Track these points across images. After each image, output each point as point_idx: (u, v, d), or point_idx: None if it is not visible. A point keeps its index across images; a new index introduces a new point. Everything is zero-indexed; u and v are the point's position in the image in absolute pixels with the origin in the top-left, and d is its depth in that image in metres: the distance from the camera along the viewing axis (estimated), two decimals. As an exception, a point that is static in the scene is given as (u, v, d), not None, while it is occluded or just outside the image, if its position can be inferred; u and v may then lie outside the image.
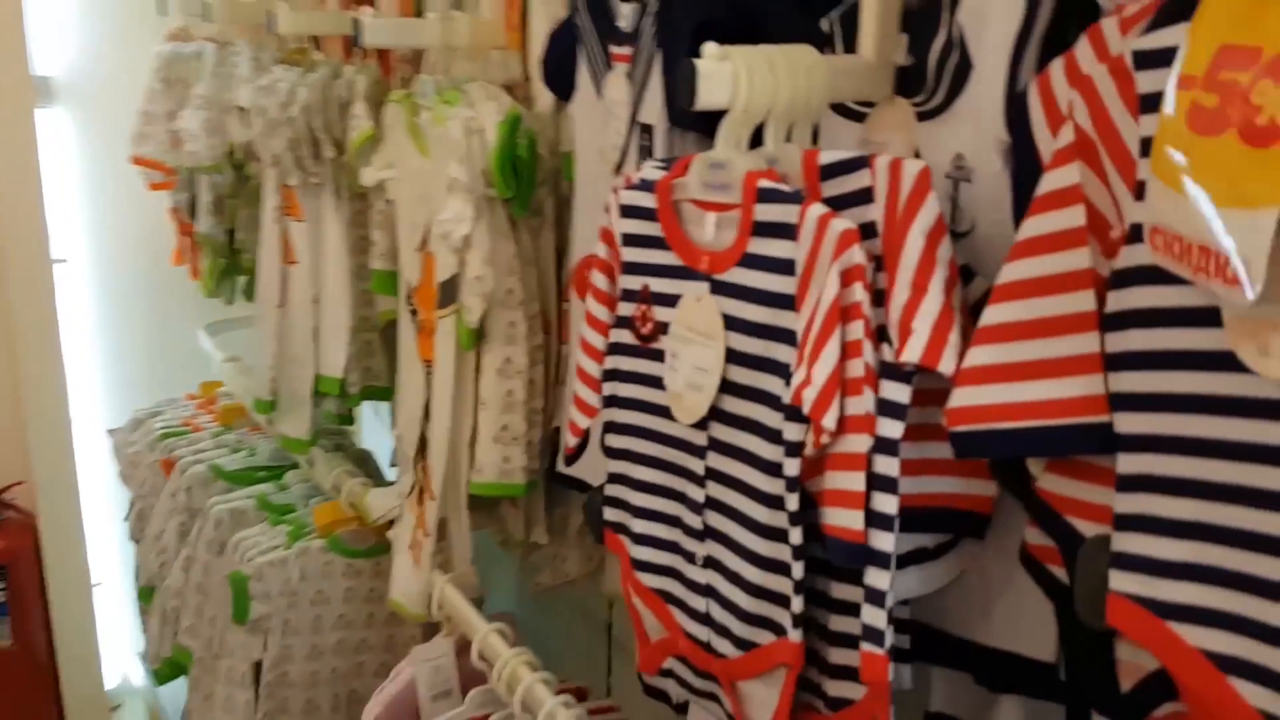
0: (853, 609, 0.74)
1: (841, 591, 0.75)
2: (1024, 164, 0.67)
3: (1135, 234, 0.58)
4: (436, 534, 1.35)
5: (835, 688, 0.76)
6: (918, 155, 0.77)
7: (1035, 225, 0.63)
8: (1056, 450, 0.64)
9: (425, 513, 1.34)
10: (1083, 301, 0.61)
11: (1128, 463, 0.60)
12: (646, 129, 1.04)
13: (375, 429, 2.30)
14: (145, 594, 1.98)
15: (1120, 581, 0.60)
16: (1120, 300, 0.60)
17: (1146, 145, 0.56)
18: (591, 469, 1.26)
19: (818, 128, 0.83)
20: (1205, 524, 0.56)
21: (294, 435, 1.62)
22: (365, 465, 1.80)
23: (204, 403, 2.20)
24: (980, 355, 0.64)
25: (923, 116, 0.79)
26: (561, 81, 1.24)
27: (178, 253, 2.19)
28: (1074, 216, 0.61)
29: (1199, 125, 0.50)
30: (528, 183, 1.23)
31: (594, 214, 1.21)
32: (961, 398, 0.65)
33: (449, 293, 1.26)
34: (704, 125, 0.98)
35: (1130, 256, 0.59)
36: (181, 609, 1.79)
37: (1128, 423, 0.60)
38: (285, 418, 1.62)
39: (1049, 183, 0.63)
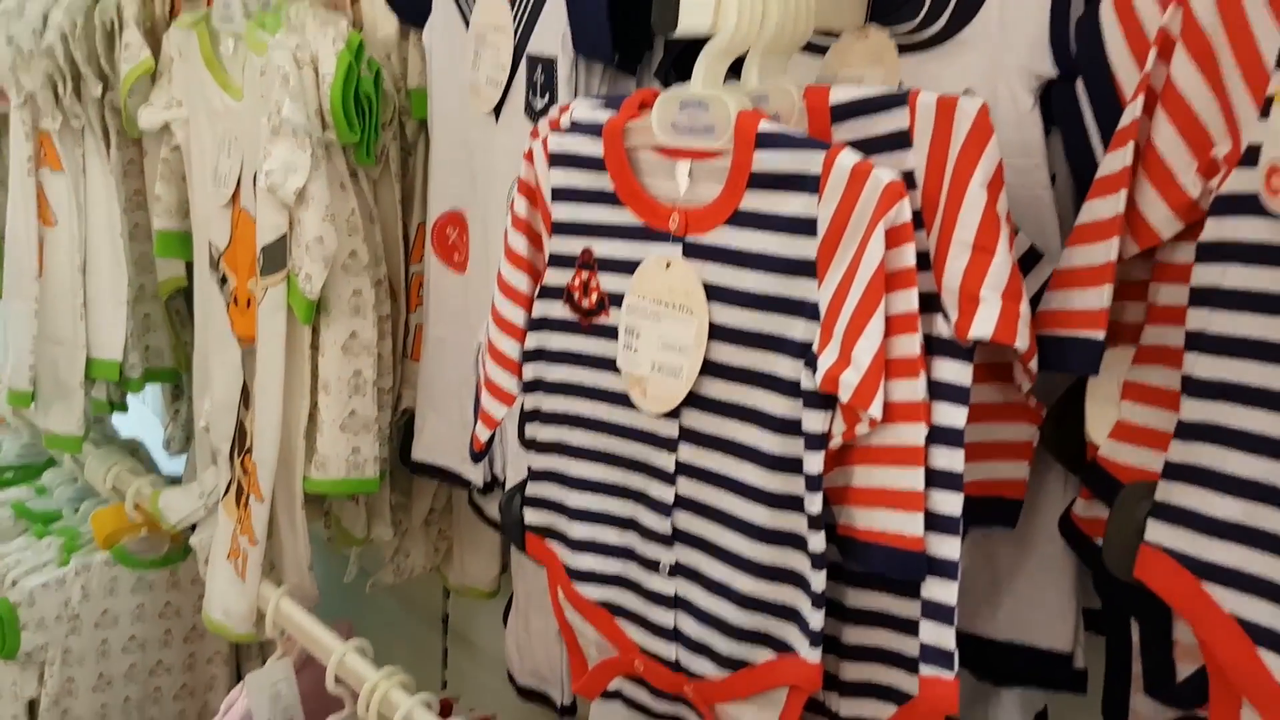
0: (876, 619, 0.65)
1: (861, 600, 0.65)
2: (1101, 98, 0.59)
3: (1251, 156, 0.51)
4: (265, 539, 1.15)
5: (850, 706, 0.67)
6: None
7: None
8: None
9: (250, 517, 1.14)
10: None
11: (1194, 409, 0.55)
12: (541, 61, 0.89)
13: (135, 408, 2.00)
14: None
15: (1158, 533, 0.56)
16: (1219, 229, 0.53)
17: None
18: (449, 449, 1.11)
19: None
20: (1269, 485, 0.52)
21: (62, 431, 1.34)
22: (137, 456, 1.54)
23: (-82, 391, 1.83)
24: None
25: (909, 49, 0.69)
26: (409, 3, 1.05)
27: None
28: None
29: None
30: (373, 125, 1.05)
31: (457, 161, 1.04)
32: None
33: (275, 257, 1.05)
34: (620, 58, 0.84)
35: (1240, 181, 0.52)
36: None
37: (1203, 365, 0.54)
38: (49, 411, 1.35)
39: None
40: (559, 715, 1.12)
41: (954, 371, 0.58)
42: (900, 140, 0.60)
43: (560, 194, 0.73)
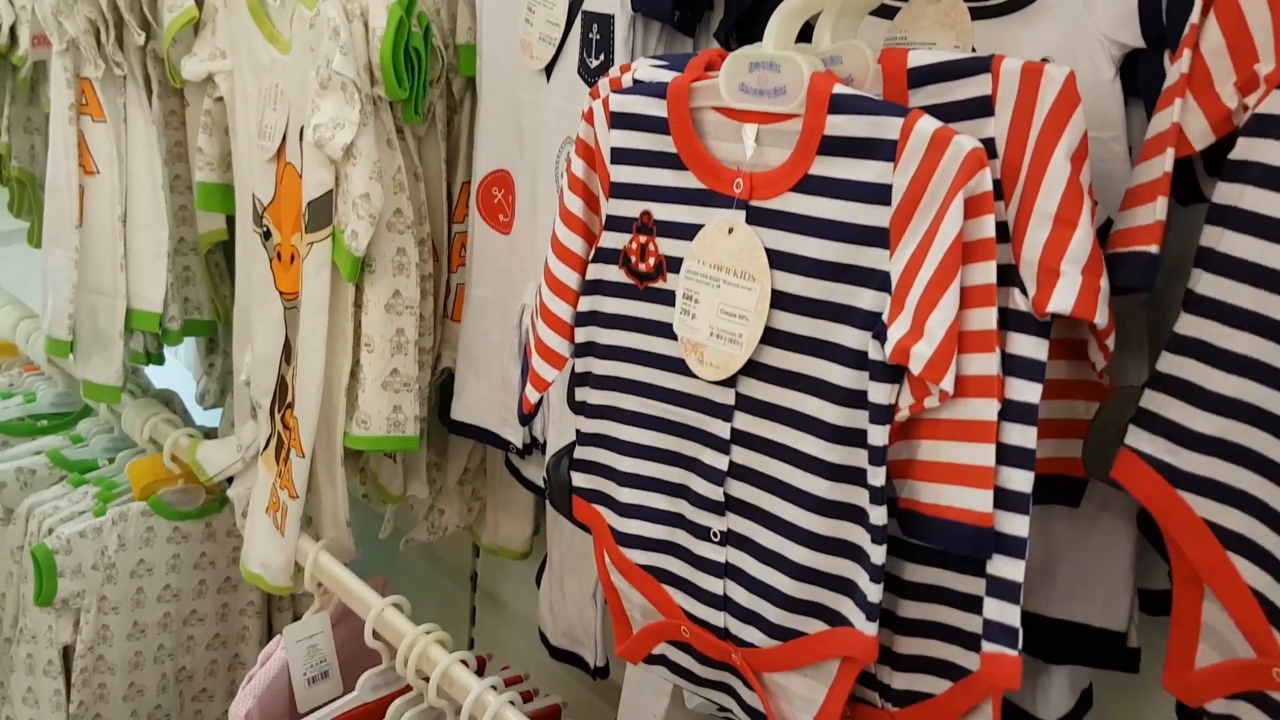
0: (934, 594, 0.64)
1: (919, 574, 0.65)
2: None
3: None
4: (305, 494, 1.15)
5: (904, 680, 0.66)
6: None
7: None
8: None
9: (291, 471, 1.14)
10: None
11: (1188, 324, 0.56)
12: (598, 18, 0.87)
13: (168, 361, 2.01)
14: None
15: (1137, 439, 0.58)
16: (1249, 150, 0.53)
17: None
18: (488, 411, 1.10)
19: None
20: (1251, 404, 0.53)
21: (100, 381, 1.34)
22: (171, 408, 1.55)
23: (-46, 338, 1.83)
24: None
25: (983, 13, 0.67)
26: (461, -42, 1.04)
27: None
28: None
29: None
30: (422, 81, 1.03)
31: (505, 120, 1.03)
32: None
33: (321, 214, 1.05)
34: (680, 17, 0.83)
35: (1278, 104, 0.51)
36: (-45, 590, 1.49)
37: (1205, 283, 0.55)
38: (89, 361, 1.34)
39: None
40: (591, 676, 1.13)
41: (1030, 346, 0.57)
42: (982, 107, 0.58)
43: (620, 155, 0.72)
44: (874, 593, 0.62)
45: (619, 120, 0.72)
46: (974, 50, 0.68)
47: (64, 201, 1.28)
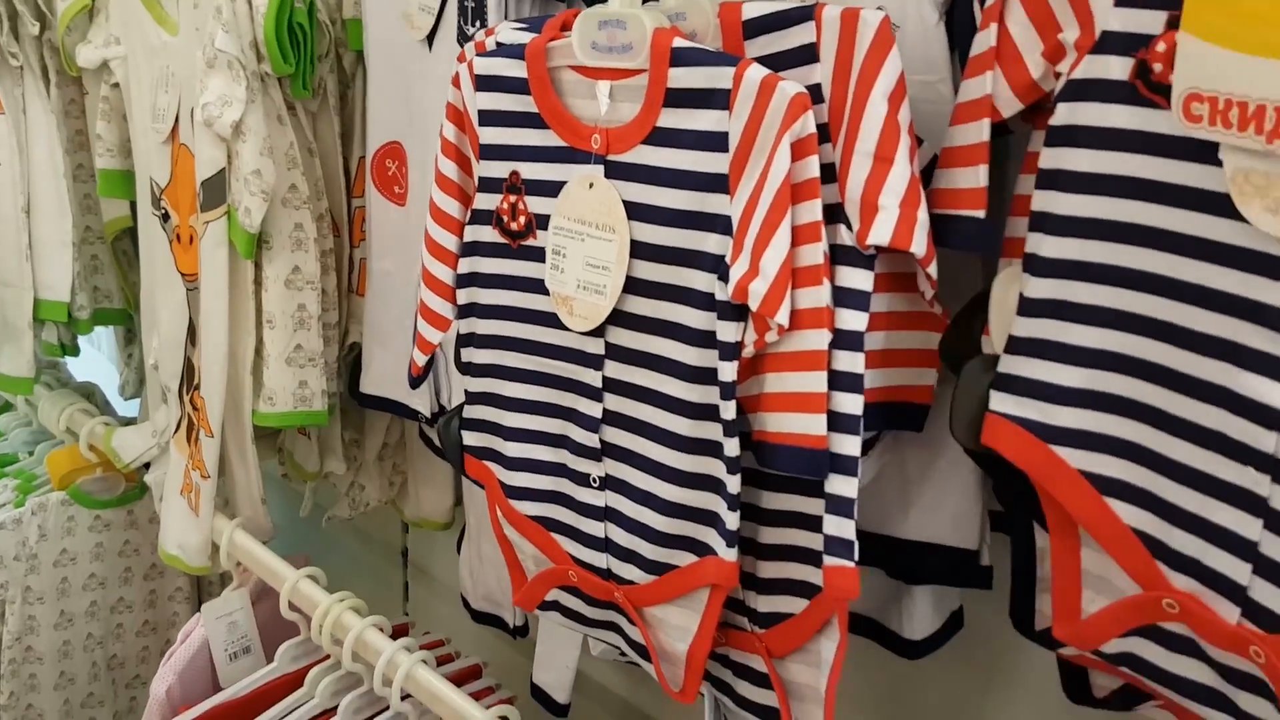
0: (789, 519, 0.67)
1: (775, 501, 0.68)
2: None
3: (1107, 44, 0.53)
4: (217, 474, 1.16)
5: (767, 603, 0.70)
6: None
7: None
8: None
9: (201, 451, 1.15)
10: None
11: (1039, 287, 0.57)
12: (471, -11, 0.89)
13: (91, 355, 2.00)
14: None
15: (1003, 403, 0.59)
16: (1072, 114, 0.55)
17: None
18: (399, 383, 1.12)
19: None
20: (1117, 354, 0.56)
21: (12, 373, 1.34)
22: (92, 400, 1.55)
23: None
24: None
25: (824, -33, 0.70)
26: (343, -65, 1.05)
27: None
28: None
29: None
30: (308, 56, 1.05)
31: (393, 91, 1.05)
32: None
33: (215, 192, 1.06)
34: (550, -19, 0.85)
35: (1096, 67, 0.54)
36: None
37: (1051, 246, 0.57)
38: (-2, 353, 1.35)
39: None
40: (511, 635, 1.16)
41: (856, 278, 0.60)
42: (808, 54, 0.61)
43: (487, 117, 0.75)
44: (732, 520, 0.66)
45: (483, 83, 0.74)
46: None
47: (-38, 193, 1.28)
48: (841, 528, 0.61)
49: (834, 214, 0.61)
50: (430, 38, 0.96)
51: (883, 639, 0.79)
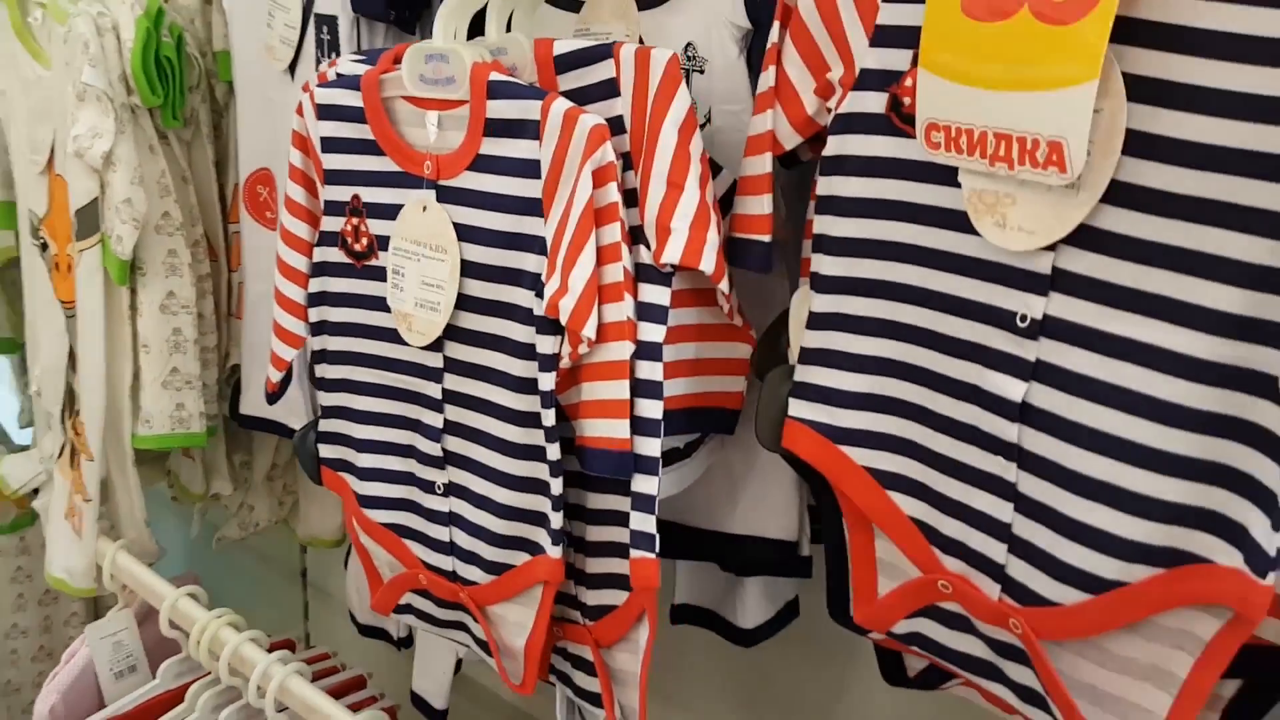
0: (611, 518, 0.72)
1: (598, 501, 0.73)
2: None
3: (865, 80, 0.59)
4: (99, 497, 1.18)
5: (595, 596, 0.74)
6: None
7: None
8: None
9: (83, 475, 1.17)
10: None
11: (822, 302, 0.63)
12: (326, 20, 0.93)
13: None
14: None
15: (799, 409, 0.64)
16: (841, 146, 0.61)
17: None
18: (284, 407, 1.15)
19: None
20: (889, 360, 0.61)
21: (-107, 403, 1.35)
22: (-10, 433, 1.55)
23: None
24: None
25: (646, 4, 0.75)
26: (210, -31, 1.08)
27: None
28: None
29: (979, 11, 0.50)
30: (177, 87, 1.08)
31: (263, 121, 1.08)
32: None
33: (89, 221, 1.08)
34: (396, 16, 0.89)
35: (857, 102, 0.60)
36: None
37: (829, 265, 0.62)
38: (-122, 383, 1.35)
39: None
40: (396, 648, 1.19)
41: (655, 294, 0.65)
42: (610, 88, 0.66)
43: (329, 144, 0.78)
44: (557, 520, 0.70)
45: (324, 112, 0.78)
46: (640, 39, 0.76)
47: None
48: (644, 523, 0.66)
49: (638, 235, 0.66)
50: (292, 68, 1.00)
51: (720, 629, 0.84)
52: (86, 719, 1.06)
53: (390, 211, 0.76)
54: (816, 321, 0.62)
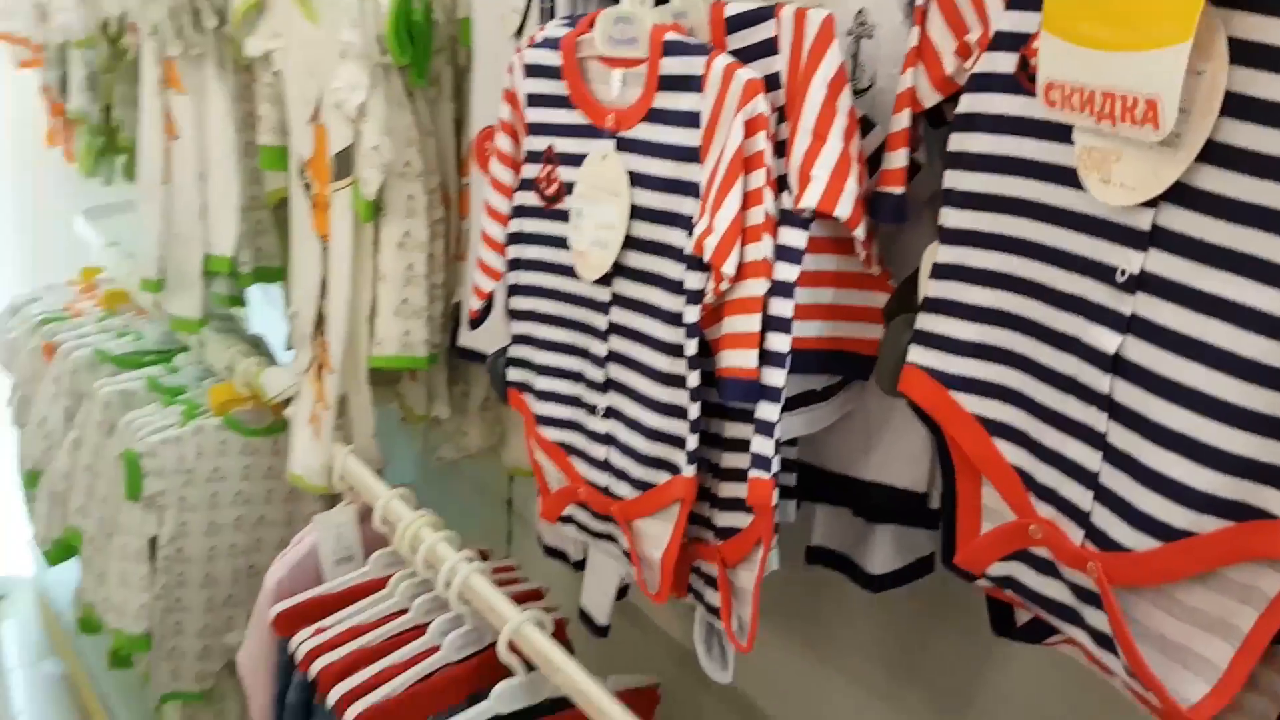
0: (743, 446, 0.78)
1: (733, 430, 0.79)
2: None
3: (998, 42, 0.62)
4: (337, 408, 1.35)
5: (724, 519, 0.81)
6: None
7: None
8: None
9: (324, 386, 1.35)
10: None
11: (946, 254, 0.66)
12: (548, -9, 1.04)
13: (266, 314, 2.27)
14: (30, 479, 1.93)
15: (916, 355, 0.68)
16: (972, 104, 0.64)
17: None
18: (491, 339, 1.28)
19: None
20: (1002, 310, 0.64)
21: (184, 315, 1.58)
22: (258, 349, 1.78)
23: (85, 288, 2.13)
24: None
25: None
26: (460, -57, 1.22)
27: (50, 133, 2.09)
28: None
29: None
30: (424, 49, 1.22)
31: (494, 84, 1.19)
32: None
33: (344, 165, 1.24)
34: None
35: (990, 63, 0.63)
36: (70, 490, 1.76)
37: (954, 218, 0.66)
38: (174, 297, 1.59)
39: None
40: (574, 569, 1.30)
41: (792, 237, 0.71)
42: (770, 47, 0.73)
43: (532, 99, 0.88)
44: (692, 442, 0.77)
45: (530, 70, 0.88)
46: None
47: (153, 162, 1.52)
48: (763, 446, 0.72)
49: (785, 183, 0.72)
50: (519, 34, 1.11)
51: (850, 573, 0.88)
52: (305, 591, 1.23)
53: (577, 160, 0.85)
54: (939, 272, 0.66)
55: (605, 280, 0.84)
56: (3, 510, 2.56)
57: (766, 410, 0.71)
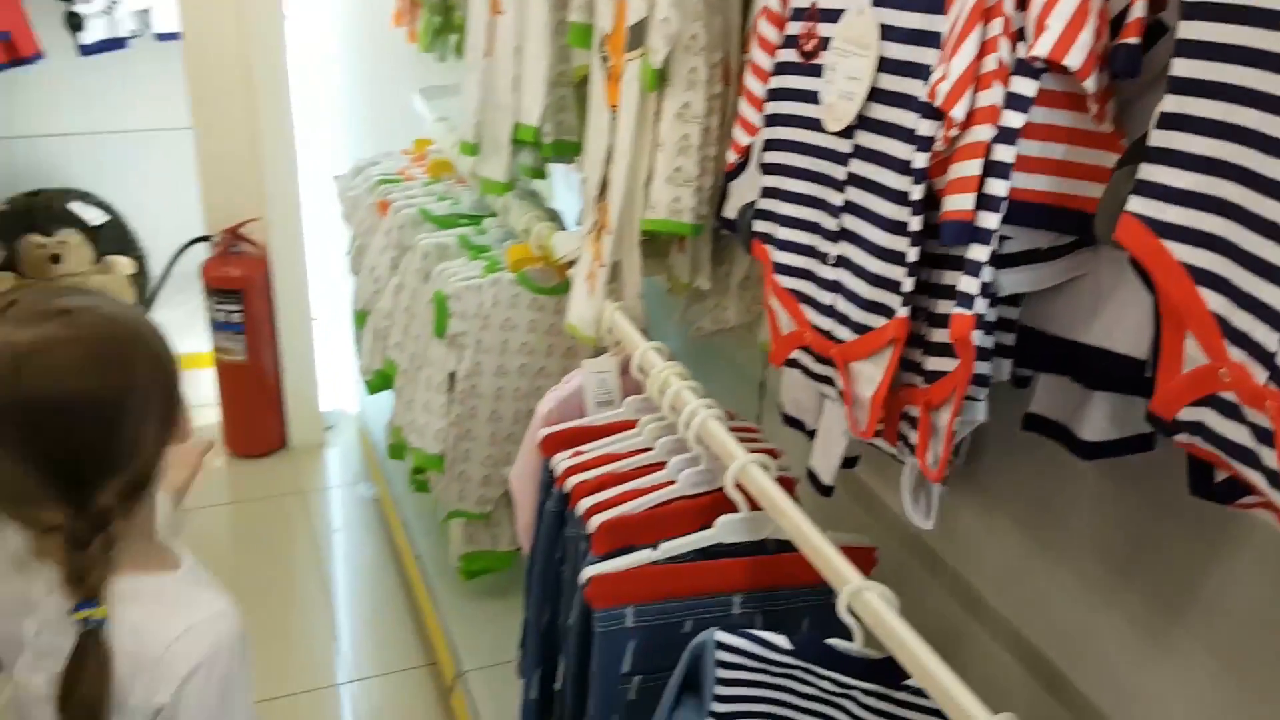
0: (953, 292, 0.81)
1: (950, 279, 0.83)
2: None
3: None
4: (610, 269, 1.48)
5: (933, 363, 0.85)
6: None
7: None
8: None
9: (601, 247, 1.47)
10: None
11: (1171, 103, 0.66)
12: None
13: (565, 194, 2.46)
14: (360, 318, 2.23)
15: (1134, 204, 0.69)
16: None
17: None
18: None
19: None
20: (1222, 160, 0.64)
21: (493, 178, 1.77)
22: (554, 220, 1.95)
23: (416, 157, 2.40)
24: None
25: None
26: None
27: (398, 14, 2.35)
28: None
29: None
30: (717, -73, 1.28)
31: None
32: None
33: (637, 36, 1.34)
34: None
35: None
36: (390, 328, 2.02)
37: (1181, 67, 0.66)
38: (486, 161, 1.77)
39: None
40: (808, 437, 1.36)
41: (1023, 86, 0.73)
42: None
43: (808, -38, 0.94)
44: (907, 284, 0.82)
45: None
46: None
47: (477, 35, 1.69)
48: (968, 285, 0.75)
49: (1024, 34, 0.74)
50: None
51: (1064, 440, 0.90)
52: (570, 421, 1.38)
53: (835, 16, 0.90)
54: (1163, 121, 0.67)
55: (847, 133, 0.89)
56: (336, 354, 2.95)
57: (976, 251, 0.75)
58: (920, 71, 0.81)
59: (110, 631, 0.94)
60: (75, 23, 2.88)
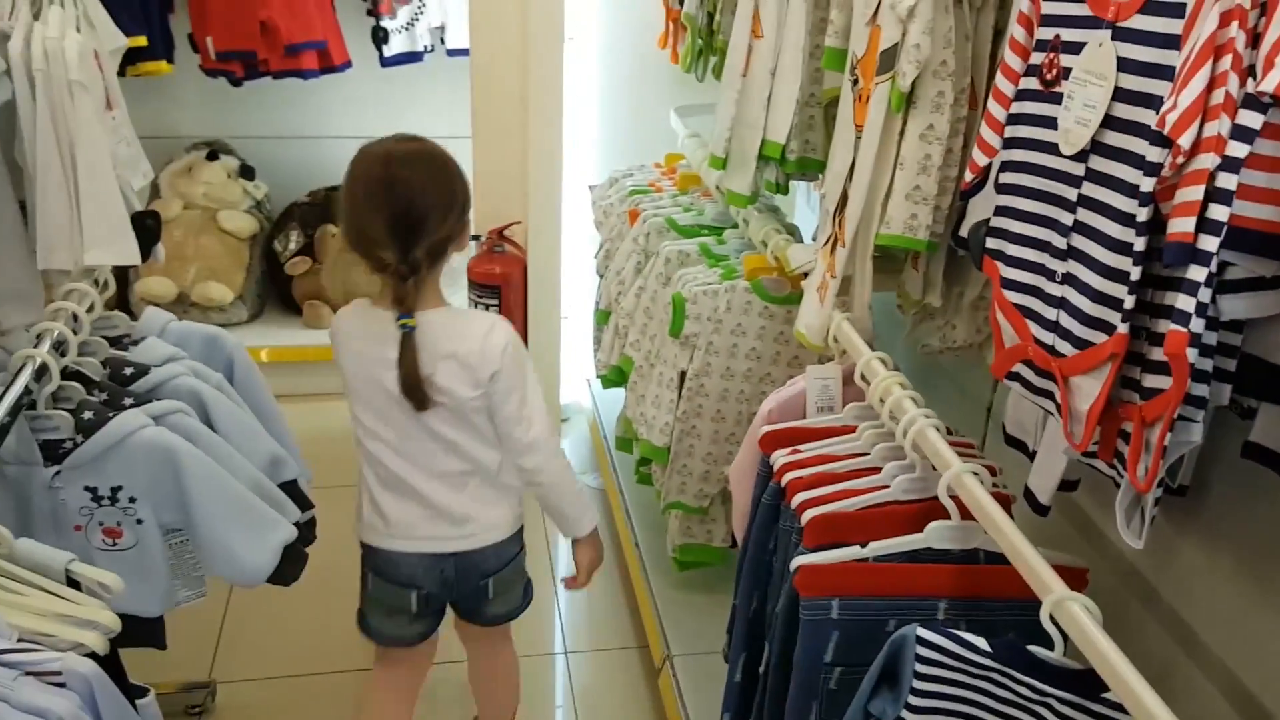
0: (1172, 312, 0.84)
1: (1169, 299, 0.86)
2: None
3: None
4: (841, 283, 1.55)
5: (1151, 380, 0.88)
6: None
7: None
8: None
9: (835, 260, 1.55)
10: None
11: None
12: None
13: (804, 211, 2.54)
14: (602, 316, 2.40)
15: None
16: None
17: None
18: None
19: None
20: None
21: (737, 190, 1.87)
22: (791, 233, 2.04)
23: (667, 170, 2.55)
24: None
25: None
26: None
27: (664, 36, 2.50)
28: None
29: None
30: (978, -40, 1.34)
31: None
32: None
33: (887, 60, 1.41)
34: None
35: None
36: (630, 327, 2.16)
37: None
38: (733, 175, 1.88)
39: None
40: (1029, 458, 1.39)
41: (1249, 119, 0.75)
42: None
43: (1049, -6, 0.99)
44: (1129, 302, 0.86)
45: None
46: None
47: (737, 57, 1.81)
48: (1185, 304, 0.78)
49: (1255, 72, 0.77)
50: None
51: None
52: (790, 421, 1.46)
53: (1076, 48, 0.95)
54: None
55: (1081, 156, 0.93)
56: (575, 352, 3.14)
57: (1194, 272, 0.78)
58: (1153, 102, 0.84)
59: (424, 336, 1.52)
60: (380, 36, 3.22)
